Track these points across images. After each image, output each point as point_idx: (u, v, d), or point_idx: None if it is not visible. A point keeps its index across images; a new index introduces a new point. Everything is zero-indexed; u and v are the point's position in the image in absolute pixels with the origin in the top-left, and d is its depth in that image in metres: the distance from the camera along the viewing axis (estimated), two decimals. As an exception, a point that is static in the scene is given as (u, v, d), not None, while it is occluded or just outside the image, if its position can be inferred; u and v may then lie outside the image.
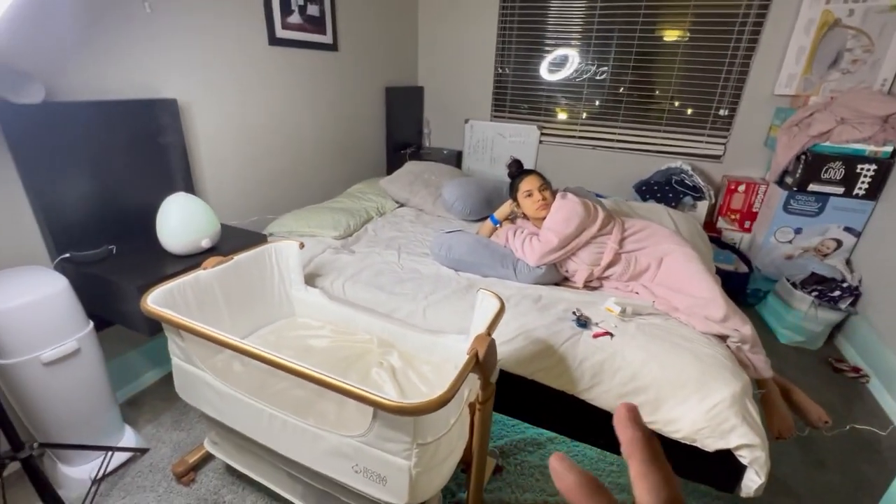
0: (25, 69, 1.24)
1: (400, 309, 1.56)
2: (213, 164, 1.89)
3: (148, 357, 1.80)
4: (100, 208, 1.47)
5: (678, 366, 1.27)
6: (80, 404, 1.33)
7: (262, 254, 1.47)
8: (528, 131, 3.22)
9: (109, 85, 1.47)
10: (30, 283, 1.22)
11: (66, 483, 1.34)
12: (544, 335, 1.40)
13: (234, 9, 1.84)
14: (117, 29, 1.46)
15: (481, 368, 0.97)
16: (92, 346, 1.32)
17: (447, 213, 2.36)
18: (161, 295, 1.15)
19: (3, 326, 1.13)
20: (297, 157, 2.35)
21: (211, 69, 1.79)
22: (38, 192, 1.31)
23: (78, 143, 1.38)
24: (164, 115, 1.60)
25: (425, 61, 3.38)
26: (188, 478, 1.41)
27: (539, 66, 3.10)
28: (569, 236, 1.65)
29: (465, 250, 1.74)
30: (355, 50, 2.62)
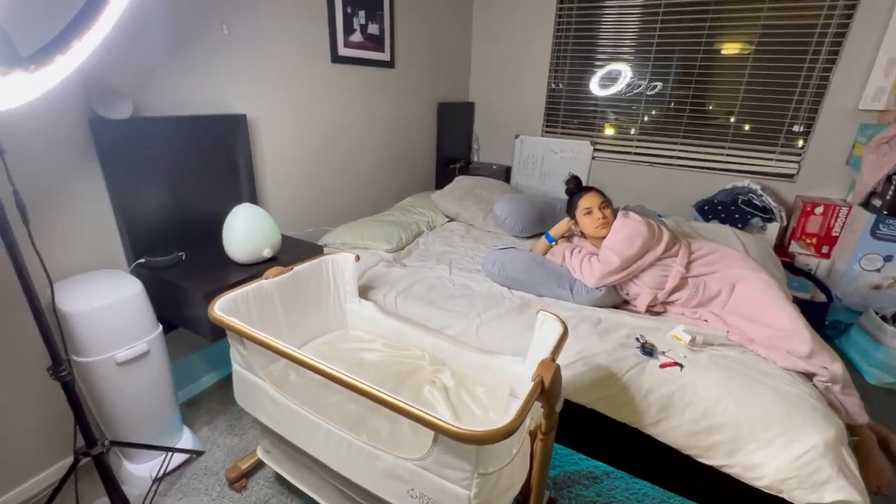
0: (117, 86, 1.33)
1: (452, 326, 1.53)
2: (275, 176, 1.96)
3: (206, 360, 1.86)
4: (172, 216, 1.55)
5: (759, 404, 1.16)
6: (146, 404, 1.38)
7: (319, 265, 1.49)
8: (581, 147, 3.15)
9: (187, 101, 1.56)
10: (110, 285, 1.29)
11: (128, 479, 1.39)
12: (606, 362, 1.32)
13: (301, 29, 1.92)
14: (197, 49, 1.55)
15: (546, 397, 0.91)
16: (160, 348, 1.38)
17: (498, 228, 2.32)
18: (226, 303, 1.18)
19: (85, 327, 1.20)
20: (352, 170, 2.41)
21: (277, 86, 1.87)
22: (121, 200, 1.40)
23: (157, 155, 1.46)
24: (235, 130, 1.68)
25: (477, 77, 3.40)
26: (240, 484, 1.43)
27: (593, 82, 3.03)
28: (631, 258, 1.56)
29: (519, 268, 1.70)
30: (411, 67, 2.67)
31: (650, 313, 1.61)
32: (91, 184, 1.35)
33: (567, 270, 1.69)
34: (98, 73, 1.28)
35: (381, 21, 2.32)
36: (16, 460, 1.34)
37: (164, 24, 1.44)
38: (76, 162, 1.31)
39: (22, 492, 1.36)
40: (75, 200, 1.33)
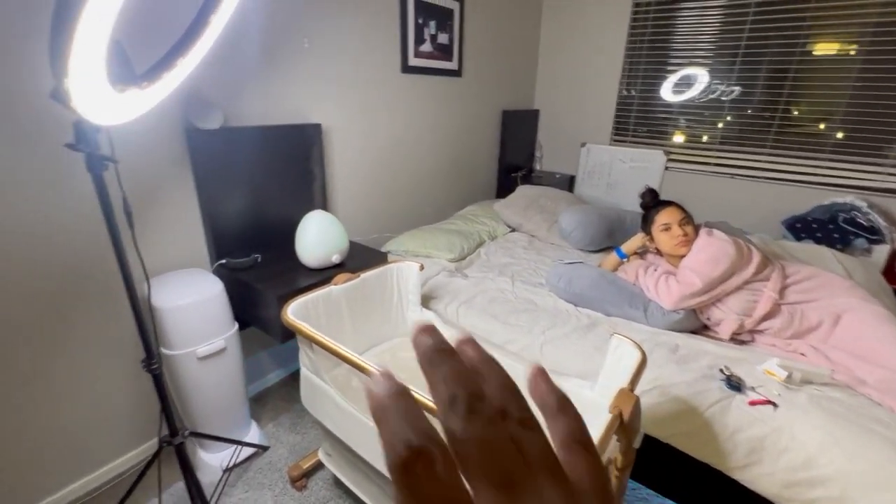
0: (210, 99, 1.43)
1: (515, 341, 1.48)
2: (344, 183, 2.02)
3: (273, 358, 1.95)
4: (251, 220, 1.64)
5: (873, 458, 1.00)
6: (220, 397, 1.46)
7: (385, 273, 1.50)
8: (653, 156, 2.97)
9: (270, 111, 1.64)
10: (195, 284, 1.38)
11: (202, 468, 1.48)
12: (685, 393, 1.21)
13: (375, 40, 1.97)
14: (281, 63, 1.63)
15: (625, 431, 0.85)
16: (235, 345, 1.45)
17: (563, 241, 2.23)
18: (298, 307, 1.22)
19: (173, 322, 1.29)
20: (415, 177, 2.43)
21: (350, 96, 1.93)
22: (208, 203, 1.50)
23: (240, 162, 1.55)
24: (311, 139, 1.75)
25: (543, 85, 3.33)
26: (301, 483, 1.46)
27: (670, 87, 2.85)
28: (715, 280, 1.43)
29: (587, 284, 1.61)
30: (477, 75, 2.65)
31: (735, 342, 1.46)
32: (184, 189, 1.46)
33: (640, 290, 1.58)
34: (194, 87, 1.38)
35: (451, 31, 2.33)
36: (109, 440, 1.47)
37: (253, 40, 1.52)
38: (172, 169, 1.42)
39: (111, 469, 1.49)
40: (170, 204, 1.44)
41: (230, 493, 1.44)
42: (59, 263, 1.23)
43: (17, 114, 1.08)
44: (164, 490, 1.42)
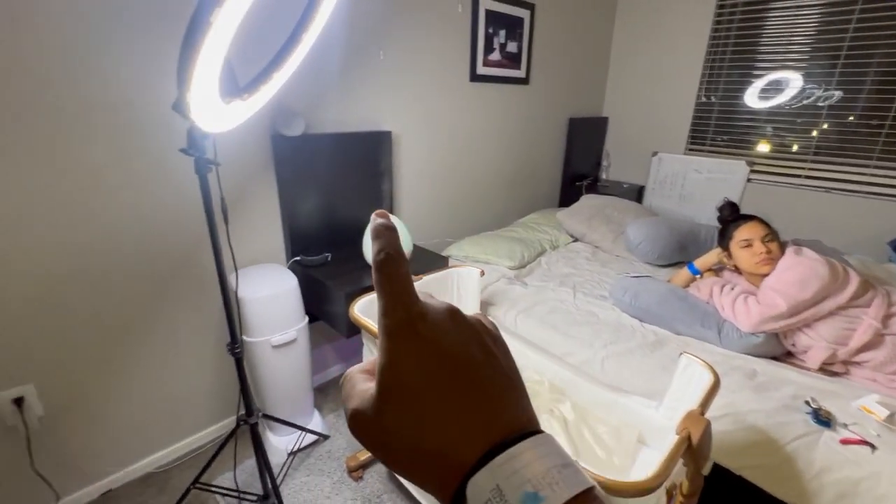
0: (294, 108, 1.55)
1: (574, 354, 1.45)
2: (410, 188, 2.09)
3: (337, 352, 2.05)
4: (323, 221, 1.75)
5: None
6: (289, 385, 1.57)
7: (446, 277, 1.54)
8: (733, 167, 2.76)
9: (345, 119, 1.75)
10: (273, 278, 1.50)
11: (269, 449, 1.59)
12: (763, 424, 1.12)
13: (445, 51, 2.03)
14: (358, 73, 1.73)
15: (693, 455, 0.80)
16: (304, 337, 1.55)
17: (629, 253, 2.15)
18: (364, 305, 1.28)
19: (254, 311, 1.41)
20: (479, 184, 2.45)
21: (419, 104, 2.00)
22: (287, 204, 1.62)
23: (317, 166, 1.66)
24: (381, 145, 1.84)
25: (614, 91, 3.23)
26: (357, 474, 1.53)
27: (755, 92, 2.64)
28: (803, 303, 1.31)
29: (655, 299, 1.54)
30: (544, 82, 2.64)
31: (825, 372, 1.33)
32: (268, 190, 1.60)
33: (714, 309, 1.48)
34: (281, 97, 1.51)
35: (521, 39, 2.34)
36: (194, 414, 1.63)
37: (334, 54, 1.64)
38: (259, 172, 1.56)
39: (194, 440, 1.65)
40: (256, 204, 1.58)
41: (293, 475, 1.53)
42: (164, 252, 1.39)
43: (133, 122, 1.25)
44: (237, 464, 1.54)
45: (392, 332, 0.21)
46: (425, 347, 0.21)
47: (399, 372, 0.21)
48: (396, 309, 0.21)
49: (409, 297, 0.22)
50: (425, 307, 0.22)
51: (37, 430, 1.27)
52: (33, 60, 1.07)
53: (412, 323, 0.21)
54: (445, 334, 0.22)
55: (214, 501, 1.43)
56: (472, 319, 0.24)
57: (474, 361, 0.21)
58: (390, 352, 0.21)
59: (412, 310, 0.22)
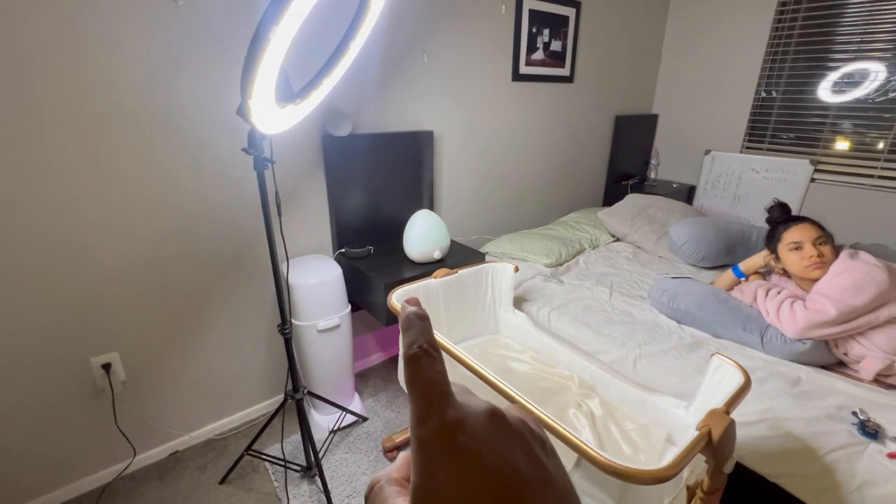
0: (342, 110, 1.67)
1: (606, 352, 1.46)
2: (451, 185, 2.16)
3: (378, 341, 2.16)
4: (367, 216, 1.85)
5: None
6: (332, 368, 1.69)
7: (481, 271, 1.59)
8: (795, 166, 2.60)
9: (390, 119, 1.85)
10: (320, 267, 1.62)
11: (313, 426, 1.72)
12: (802, 432, 1.08)
13: (488, 51, 2.08)
14: (402, 75, 1.82)
15: (713, 452, 0.81)
16: (347, 324, 1.67)
17: (672, 254, 2.09)
18: (401, 294, 1.36)
19: (302, 297, 1.53)
20: (520, 182, 2.48)
21: (461, 104, 2.06)
22: (335, 200, 1.74)
23: (363, 164, 1.77)
24: (423, 144, 1.92)
25: (664, 88, 3.12)
26: (392, 454, 1.62)
27: (820, 86, 2.47)
28: (857, 310, 1.24)
29: (694, 301, 1.51)
30: (590, 81, 2.61)
31: (880, 384, 1.25)
32: (317, 186, 1.72)
33: (758, 313, 1.43)
34: (331, 100, 1.63)
35: (565, 38, 2.34)
36: (247, 390, 1.79)
37: (380, 57, 1.73)
38: (310, 169, 1.68)
39: (247, 414, 1.81)
40: (307, 199, 1.71)
41: (334, 451, 1.65)
42: (226, 242, 1.55)
43: (203, 126, 1.40)
44: (284, 438, 1.69)
45: (426, 444, 0.19)
46: (465, 463, 0.18)
47: (436, 494, 0.18)
48: (430, 416, 0.19)
49: (445, 401, 0.19)
50: (463, 412, 0.19)
51: (120, 393, 1.46)
52: (122, 74, 1.24)
53: (449, 433, 0.19)
54: (488, 446, 0.19)
55: (264, 468, 1.58)
56: (516, 422, 0.21)
57: (523, 478, 0.19)
58: (425, 469, 0.18)
59: (448, 416, 0.19)
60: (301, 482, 1.52)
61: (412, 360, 0.20)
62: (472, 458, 0.18)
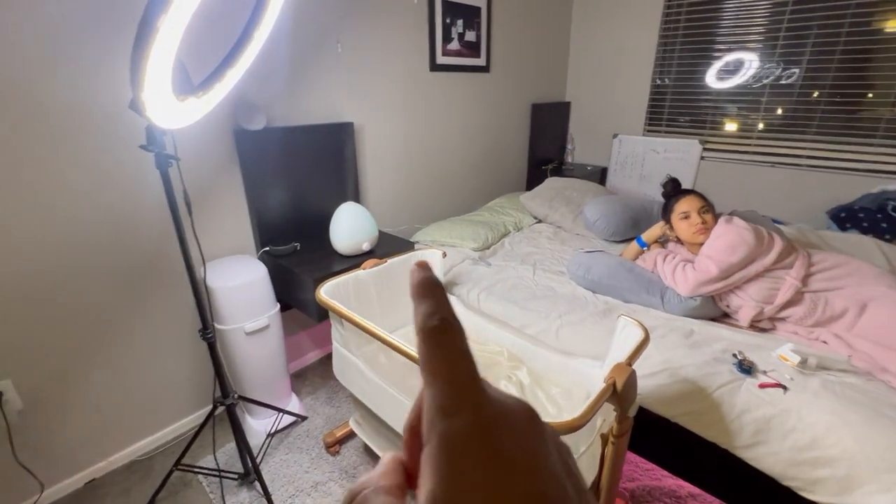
0: (255, 103, 1.60)
1: (532, 325, 1.56)
2: (375, 177, 2.16)
3: (312, 339, 2.12)
4: (291, 212, 1.81)
5: (884, 442, 1.01)
6: (264, 369, 1.64)
7: (410, 259, 1.62)
8: (688, 146, 2.91)
9: (307, 112, 1.80)
10: (242, 268, 1.56)
11: (249, 431, 1.66)
12: (695, 375, 1.25)
13: (404, 42, 2.09)
14: (316, 66, 1.78)
15: (619, 400, 0.91)
16: (277, 323, 1.62)
17: (587, 231, 2.27)
18: (330, 288, 1.36)
19: (225, 300, 1.47)
20: (445, 171, 2.53)
21: (380, 95, 2.06)
22: (254, 197, 1.68)
23: (281, 159, 1.72)
24: (343, 136, 1.89)
25: (575, 77, 3.33)
26: (334, 449, 1.62)
27: (705, 74, 2.78)
28: (733, 266, 1.44)
29: (605, 272, 1.66)
30: (505, 70, 2.72)
31: (755, 329, 1.47)
32: (232, 183, 1.64)
33: (658, 277, 1.61)
34: (241, 93, 1.56)
35: (479, 28, 2.41)
36: (172, 403, 1.68)
37: (291, 49, 1.68)
38: (223, 166, 1.60)
39: (175, 429, 1.71)
40: (222, 197, 1.63)
41: (273, 454, 1.61)
42: (134, 246, 1.44)
43: (95, 122, 1.28)
44: (217, 449, 1.62)
45: (453, 442, 0.15)
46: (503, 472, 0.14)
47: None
48: (461, 408, 0.15)
49: (478, 390, 0.16)
50: (500, 407, 0.16)
51: (17, 424, 1.31)
52: (-11, 64, 1.10)
53: (485, 431, 0.15)
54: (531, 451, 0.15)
55: (197, 482, 1.50)
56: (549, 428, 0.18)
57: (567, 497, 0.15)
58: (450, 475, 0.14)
59: (483, 411, 0.15)
60: (239, 490, 1.47)
61: (432, 335, 0.17)
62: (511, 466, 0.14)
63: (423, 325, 0.17)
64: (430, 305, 0.17)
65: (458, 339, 0.17)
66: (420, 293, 0.18)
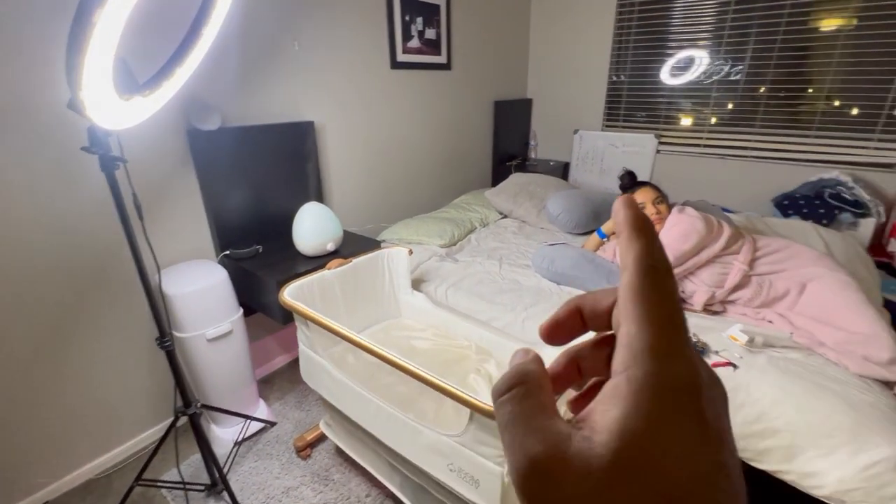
0: (209, 102, 1.55)
1: (499, 318, 1.59)
2: (339, 176, 2.13)
3: (279, 343, 2.08)
4: (252, 214, 1.76)
5: (822, 411, 1.09)
6: (229, 377, 1.59)
7: (375, 258, 1.61)
8: (644, 140, 3.02)
9: (265, 111, 1.76)
10: (202, 273, 1.51)
11: (215, 441, 1.61)
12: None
13: (363, 39, 2.07)
14: (273, 65, 1.74)
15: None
16: (240, 328, 1.58)
17: (551, 225, 2.32)
18: (294, 290, 1.34)
19: (183, 306, 1.42)
20: (410, 169, 2.53)
21: (341, 93, 2.04)
22: (211, 199, 1.62)
23: (240, 160, 1.67)
24: (304, 135, 1.86)
25: (535, 74, 3.39)
26: (305, 453, 1.59)
27: (659, 71, 2.90)
28: (685, 254, 1.52)
29: (568, 264, 1.71)
30: (467, 68, 2.74)
31: (708, 312, 1.54)
32: (188, 186, 1.59)
33: (618, 267, 1.67)
34: (193, 92, 1.50)
35: (438, 26, 2.42)
36: (132, 417, 1.61)
37: (246, 47, 1.64)
38: (177, 168, 1.54)
39: (136, 443, 1.64)
40: (177, 201, 1.57)
41: (241, 462, 1.57)
42: (82, 253, 1.36)
43: (36, 122, 1.21)
44: (182, 461, 1.56)
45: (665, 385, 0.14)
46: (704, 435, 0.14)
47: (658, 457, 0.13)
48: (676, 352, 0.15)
49: (688, 338, 0.16)
50: (706, 368, 0.16)
51: (-44, 449, 1.22)
52: None
53: (697, 388, 0.15)
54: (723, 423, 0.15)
55: (161, 496, 1.45)
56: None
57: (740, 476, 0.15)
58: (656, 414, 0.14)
59: (695, 365, 0.15)
60: (207, 501, 1.43)
61: (654, 274, 0.16)
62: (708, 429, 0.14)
63: (644, 262, 0.16)
64: (650, 243, 0.17)
65: (674, 285, 0.17)
66: (637, 228, 0.17)
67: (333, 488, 1.48)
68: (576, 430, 0.15)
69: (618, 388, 0.15)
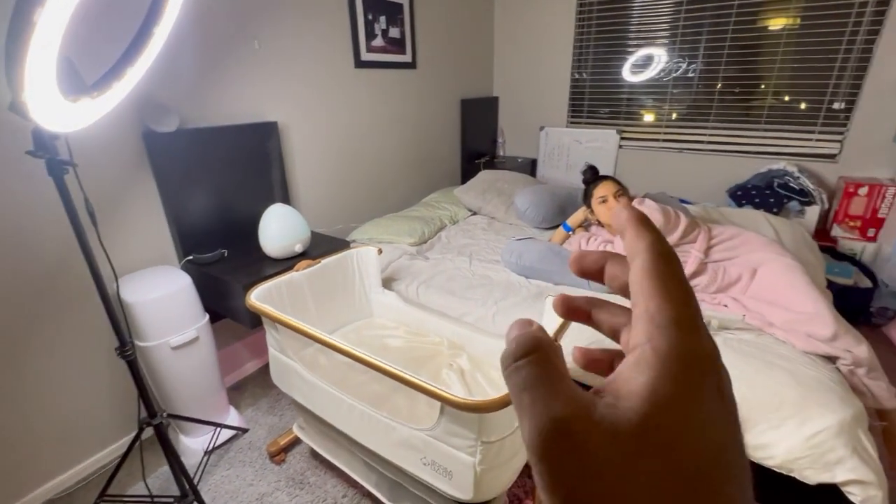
0: (165, 103, 1.50)
1: (470, 314, 1.61)
2: (306, 177, 2.10)
3: (249, 349, 2.04)
4: (215, 217, 1.72)
5: (771, 387, 1.16)
6: (197, 384, 1.55)
7: (345, 258, 1.61)
8: (607, 136, 3.12)
9: (226, 112, 1.72)
10: (163, 280, 1.47)
11: (184, 451, 1.57)
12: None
13: (326, 39, 2.05)
14: (233, 64, 1.70)
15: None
16: (207, 335, 1.54)
17: (519, 220, 2.37)
18: (261, 293, 1.31)
19: (144, 315, 1.37)
20: (379, 169, 2.52)
21: (305, 93, 2.01)
22: (171, 203, 1.58)
23: (200, 162, 1.63)
24: (268, 136, 1.83)
25: (501, 72, 3.44)
26: (279, 458, 1.57)
27: (620, 69, 2.99)
28: (646, 244, 1.58)
29: (535, 257, 1.75)
30: (433, 66, 2.75)
31: (668, 299, 1.61)
32: (146, 190, 1.53)
33: (583, 259, 1.72)
34: (148, 92, 1.45)
35: (402, 25, 2.42)
36: (95, 431, 1.55)
37: (203, 44, 1.59)
38: (133, 171, 1.49)
39: (100, 458, 1.57)
40: (133, 205, 1.51)
41: (213, 472, 1.54)
42: (31, 262, 1.30)
43: (-24, 127, 1.15)
44: (150, 475, 1.51)
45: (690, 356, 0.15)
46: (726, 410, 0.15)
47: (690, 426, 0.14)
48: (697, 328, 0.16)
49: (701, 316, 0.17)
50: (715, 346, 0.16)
51: None
52: None
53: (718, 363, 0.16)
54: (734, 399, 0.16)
55: (128, 512, 1.40)
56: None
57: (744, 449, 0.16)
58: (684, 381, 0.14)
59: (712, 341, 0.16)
60: (177, 514, 1.39)
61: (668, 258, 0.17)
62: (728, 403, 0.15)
63: (657, 248, 0.17)
64: (657, 235, 0.18)
65: (683, 269, 0.18)
66: (644, 222, 0.19)
67: (309, 491, 1.47)
68: (598, 398, 0.15)
69: (643, 357, 0.15)
